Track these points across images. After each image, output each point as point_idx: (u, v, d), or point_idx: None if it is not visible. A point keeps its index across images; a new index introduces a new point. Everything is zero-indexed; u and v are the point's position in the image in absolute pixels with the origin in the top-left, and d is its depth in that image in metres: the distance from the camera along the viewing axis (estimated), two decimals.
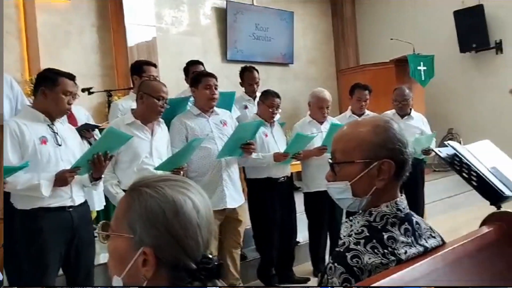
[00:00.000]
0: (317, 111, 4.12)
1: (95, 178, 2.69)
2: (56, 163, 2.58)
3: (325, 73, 8.42)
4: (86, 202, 2.79)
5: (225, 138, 3.47)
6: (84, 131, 3.40)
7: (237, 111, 4.23)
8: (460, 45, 7.40)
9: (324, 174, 1.40)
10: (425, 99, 6.89)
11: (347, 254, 1.19)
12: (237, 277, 3.58)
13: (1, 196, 2.72)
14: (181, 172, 3.07)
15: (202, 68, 4.35)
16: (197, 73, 3.76)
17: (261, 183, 3.86)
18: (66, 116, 2.92)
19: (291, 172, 4.16)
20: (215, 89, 3.45)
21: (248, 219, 3.88)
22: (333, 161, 1.35)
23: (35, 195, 2.50)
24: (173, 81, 5.87)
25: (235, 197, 3.51)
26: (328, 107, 4.12)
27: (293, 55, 7.91)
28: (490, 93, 7.16)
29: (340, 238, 1.31)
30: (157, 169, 2.96)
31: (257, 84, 4.67)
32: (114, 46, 5.98)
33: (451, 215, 5.87)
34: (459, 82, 7.60)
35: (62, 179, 2.55)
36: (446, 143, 2.04)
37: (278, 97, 3.91)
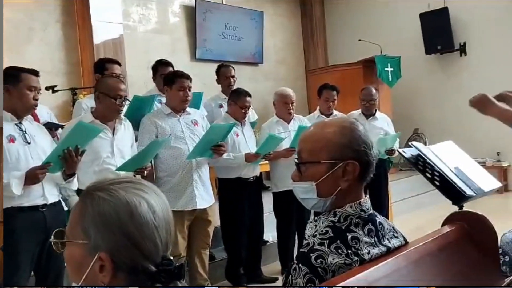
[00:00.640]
0: (282, 108, 4.14)
1: (68, 175, 2.63)
2: (26, 161, 2.54)
3: (294, 73, 8.47)
4: (60, 201, 2.72)
5: (196, 138, 3.44)
6: (47, 130, 3.31)
7: (204, 111, 4.20)
8: (425, 47, 7.56)
9: None
10: (392, 99, 7.01)
11: (311, 254, 1.19)
12: (206, 277, 3.56)
13: (1, 198, 2.64)
14: (145, 172, 3.02)
15: (171, 69, 4.30)
16: (171, 72, 3.72)
17: (232, 183, 3.86)
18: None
19: (260, 171, 4.18)
20: (189, 90, 3.43)
21: (217, 219, 3.87)
22: (299, 161, 1.35)
23: (6, 194, 2.45)
24: (141, 80, 5.82)
25: (205, 197, 3.49)
26: (292, 103, 4.15)
27: (263, 55, 7.92)
28: (454, 94, 7.34)
29: (304, 238, 1.31)
30: (119, 169, 2.90)
31: (234, 80, 4.67)
32: (79, 43, 5.85)
33: (417, 213, 6.00)
34: (425, 83, 7.77)
35: (32, 177, 2.49)
36: (410, 143, 2.07)
37: (249, 96, 3.92)
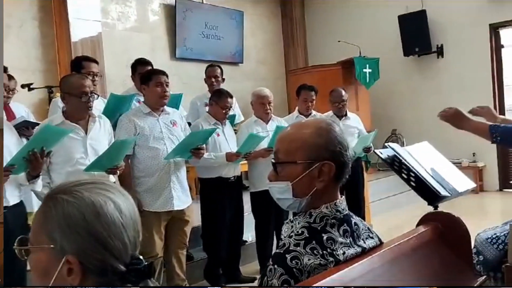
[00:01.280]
0: (260, 108, 4.15)
1: (33, 176, 2.58)
2: None
3: (274, 73, 8.48)
4: (22, 202, 2.66)
5: (174, 139, 3.41)
6: (23, 129, 3.26)
7: (184, 112, 4.18)
8: (404, 49, 7.64)
9: None
10: (371, 100, 7.08)
11: (287, 255, 1.20)
12: (183, 277, 3.53)
13: (1, 199, 2.58)
14: (118, 171, 2.97)
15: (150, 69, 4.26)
16: (147, 70, 3.68)
17: (212, 183, 3.85)
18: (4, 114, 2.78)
19: (240, 171, 4.17)
20: (166, 86, 3.39)
21: (194, 219, 3.85)
22: (275, 161, 1.36)
23: None
24: (119, 78, 5.75)
25: (182, 198, 3.46)
26: (269, 103, 4.16)
27: (243, 55, 7.91)
28: (431, 95, 7.44)
29: (281, 239, 1.31)
30: (87, 169, 2.82)
31: (218, 80, 4.67)
32: (56, 41, 5.75)
33: (395, 213, 6.07)
34: (403, 84, 7.86)
35: None
36: (386, 144, 2.09)
37: (231, 97, 3.93)
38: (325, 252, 1.22)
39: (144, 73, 3.57)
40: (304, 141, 1.31)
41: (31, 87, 4.61)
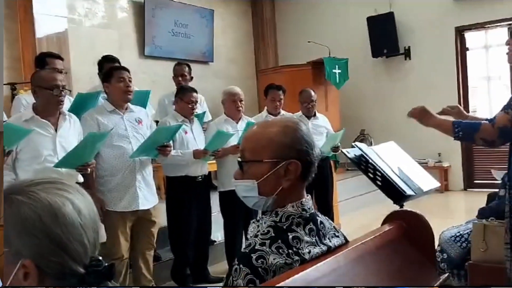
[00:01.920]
0: (231, 106, 4.13)
1: None
2: None
3: (245, 72, 8.47)
4: None
5: (140, 137, 3.34)
6: None
7: (151, 109, 4.12)
8: (372, 50, 7.75)
9: None
10: (340, 101, 7.14)
11: (252, 255, 1.19)
12: (150, 278, 3.48)
13: (1, 202, 2.45)
14: (89, 169, 2.92)
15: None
16: (109, 67, 3.60)
17: (179, 182, 3.80)
18: None
19: (208, 171, 4.14)
20: (129, 81, 3.32)
21: (162, 219, 3.79)
22: (242, 159, 1.35)
23: None
24: (86, 76, 5.63)
25: (148, 198, 3.40)
26: (241, 101, 4.14)
27: (213, 54, 7.87)
28: (399, 96, 7.57)
29: (247, 238, 1.30)
30: (56, 166, 2.77)
31: (185, 78, 4.66)
32: (21, 37, 5.59)
33: (362, 212, 6.15)
34: (371, 85, 7.97)
35: None
36: (353, 144, 2.11)
37: (195, 92, 3.89)
38: (290, 251, 1.21)
39: (105, 71, 3.50)
40: (270, 139, 1.31)
41: None
